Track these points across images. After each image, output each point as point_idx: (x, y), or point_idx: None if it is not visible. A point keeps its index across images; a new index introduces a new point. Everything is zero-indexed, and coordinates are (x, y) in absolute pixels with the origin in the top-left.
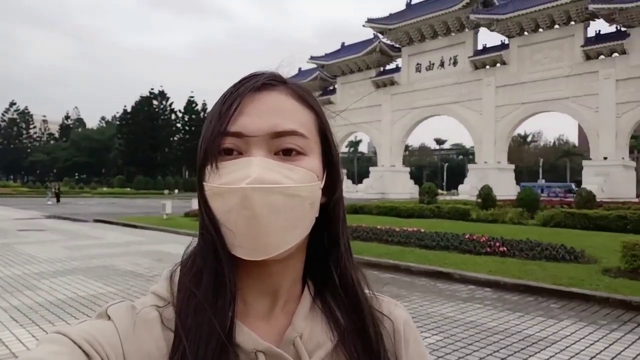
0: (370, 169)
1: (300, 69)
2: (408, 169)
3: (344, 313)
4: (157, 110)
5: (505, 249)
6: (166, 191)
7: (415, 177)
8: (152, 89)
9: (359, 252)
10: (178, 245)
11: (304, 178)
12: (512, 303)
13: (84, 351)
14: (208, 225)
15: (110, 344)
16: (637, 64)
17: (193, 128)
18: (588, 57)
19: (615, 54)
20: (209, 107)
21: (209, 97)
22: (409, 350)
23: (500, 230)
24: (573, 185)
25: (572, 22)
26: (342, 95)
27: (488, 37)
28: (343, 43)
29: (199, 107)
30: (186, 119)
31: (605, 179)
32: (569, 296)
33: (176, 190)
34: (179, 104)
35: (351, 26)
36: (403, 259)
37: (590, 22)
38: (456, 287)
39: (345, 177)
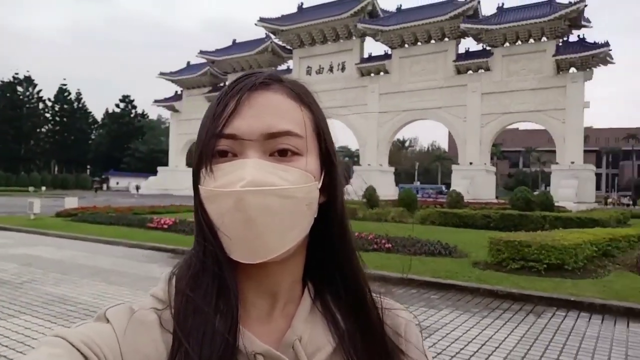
0: None
1: (189, 62)
2: None
3: (344, 315)
4: (22, 97)
5: (390, 245)
6: (31, 188)
7: None
8: (17, 73)
9: None
10: (50, 249)
11: (299, 179)
12: (398, 296)
13: (82, 354)
14: (205, 229)
15: (108, 347)
16: (499, 79)
17: (65, 119)
18: (459, 72)
19: (481, 70)
20: (84, 97)
21: (85, 85)
22: (410, 352)
23: (384, 228)
24: (443, 187)
25: (446, 39)
26: None
27: (374, 46)
28: (234, 40)
29: (72, 96)
30: (57, 108)
31: (470, 182)
32: (446, 288)
33: (43, 188)
34: (49, 92)
35: (242, 23)
36: None
37: (462, 39)
38: None
39: None
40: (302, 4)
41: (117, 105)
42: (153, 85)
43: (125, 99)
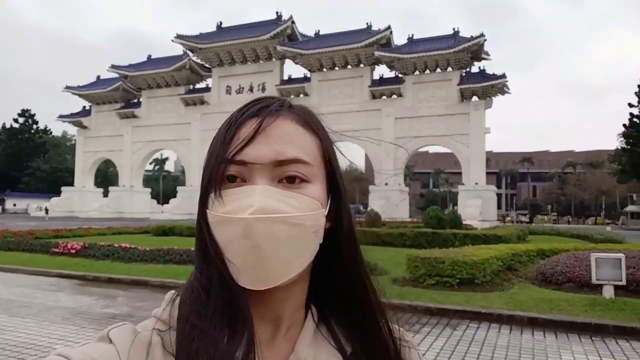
0: (178, 188)
1: (98, 76)
2: None
3: (350, 340)
4: None
5: None
6: None
7: None
8: None
9: (174, 276)
10: None
11: (307, 206)
12: None
13: None
14: (211, 253)
15: None
16: (410, 105)
17: None
18: (374, 97)
19: (394, 96)
20: None
21: None
22: None
23: None
24: (361, 207)
25: (362, 65)
26: (148, 109)
27: (294, 69)
28: (149, 56)
29: None
30: None
31: (386, 202)
32: None
33: None
34: None
35: (155, 38)
36: None
37: (376, 66)
38: None
39: (149, 197)
40: (221, 23)
41: (16, 120)
42: (58, 100)
43: (25, 113)
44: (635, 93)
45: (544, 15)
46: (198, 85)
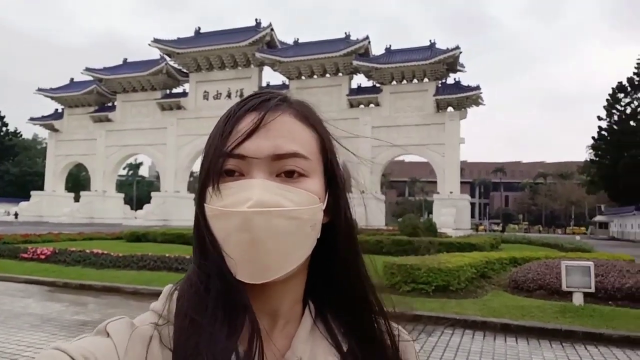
0: (153, 194)
1: (72, 79)
2: (193, 195)
3: (347, 335)
4: None
5: None
6: None
7: None
8: None
9: (147, 282)
10: None
11: (305, 200)
12: None
13: None
14: (209, 247)
15: None
16: (387, 115)
17: None
18: (352, 105)
19: (372, 105)
20: None
21: None
22: None
23: None
24: None
25: (340, 73)
26: (123, 113)
27: (273, 76)
28: (125, 59)
29: None
30: None
31: (363, 210)
32: None
33: None
34: None
35: (133, 42)
36: None
37: (354, 75)
38: None
39: (122, 202)
40: (199, 28)
41: None
42: (30, 103)
43: None
44: (604, 106)
45: (518, 29)
46: (175, 90)
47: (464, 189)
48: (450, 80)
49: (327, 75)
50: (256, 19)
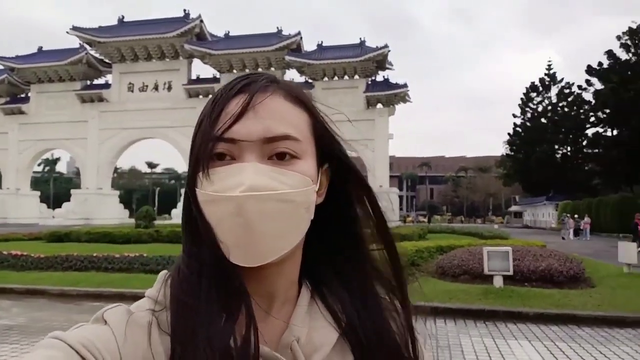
0: (72, 191)
1: None
2: (117, 192)
3: (345, 308)
4: None
5: None
6: None
7: (125, 201)
8: None
9: (74, 283)
10: None
11: (298, 183)
12: None
13: (81, 356)
14: (202, 232)
15: (107, 349)
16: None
17: None
18: None
19: None
20: None
21: None
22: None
23: None
24: None
25: (273, 68)
26: (38, 105)
27: (203, 69)
28: (40, 47)
29: None
30: None
31: None
32: None
33: None
34: None
35: (48, 29)
36: (128, 286)
37: (287, 70)
38: None
39: (38, 201)
40: (122, 17)
41: None
42: None
43: None
44: (519, 105)
45: (441, 32)
46: (96, 81)
47: (392, 182)
48: (379, 78)
49: (260, 69)
50: (184, 10)
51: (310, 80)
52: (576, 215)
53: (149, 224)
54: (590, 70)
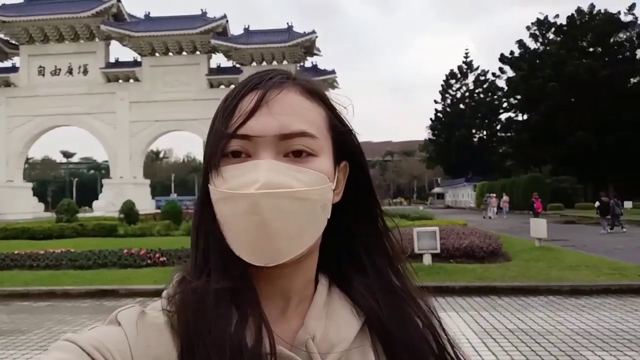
0: None
1: None
2: (30, 184)
3: (365, 298)
4: None
5: (165, 258)
6: None
7: (39, 194)
8: None
9: None
10: None
11: (315, 180)
12: None
13: (92, 358)
14: (214, 230)
15: (119, 350)
16: None
17: None
18: (212, 85)
19: (232, 86)
20: None
21: None
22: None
23: (152, 242)
24: None
25: (198, 52)
26: None
27: (123, 52)
28: None
29: None
30: None
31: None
32: None
33: None
34: None
35: None
36: (58, 283)
37: (213, 54)
38: (125, 302)
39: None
40: None
41: None
42: None
43: None
44: (439, 91)
45: (364, 19)
46: (2, 65)
47: None
48: (308, 64)
49: (184, 53)
50: None
51: (238, 65)
52: (494, 195)
53: (72, 217)
54: (503, 58)
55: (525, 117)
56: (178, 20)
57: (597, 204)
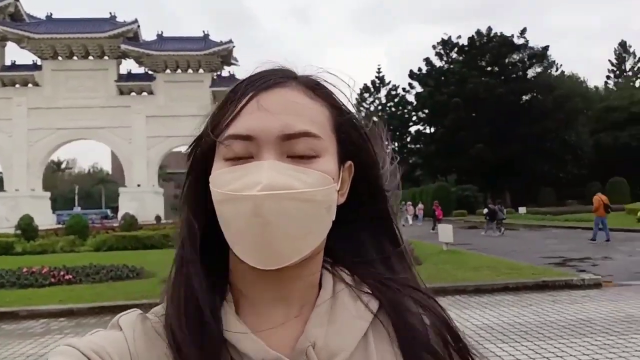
0: None
1: None
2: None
3: (373, 294)
4: None
5: (71, 276)
6: None
7: None
8: None
9: None
10: None
11: (318, 181)
12: (91, 326)
13: None
14: (188, 254)
15: (119, 354)
16: (163, 104)
17: None
18: (121, 92)
19: (145, 93)
20: None
21: None
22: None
23: (55, 260)
24: (109, 212)
25: (106, 57)
26: None
27: (20, 54)
28: None
29: None
30: None
31: (139, 204)
32: (145, 306)
33: None
34: None
35: None
36: None
37: (123, 60)
38: (27, 324)
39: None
40: None
41: None
42: None
43: None
44: (354, 105)
45: (284, 30)
46: None
47: None
48: (225, 73)
49: (91, 57)
50: None
51: (150, 72)
52: (410, 203)
53: None
54: (412, 74)
55: (432, 130)
56: (84, 23)
57: (485, 210)
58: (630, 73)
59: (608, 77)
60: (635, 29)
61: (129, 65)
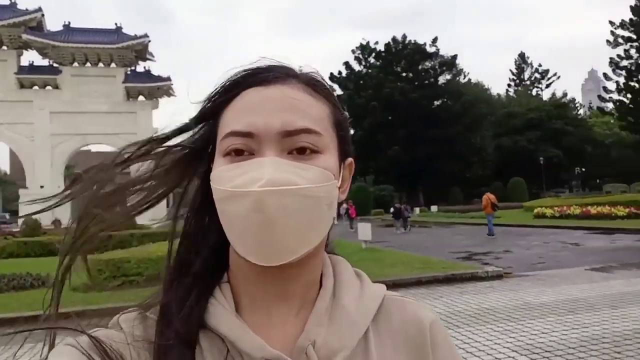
0: None
1: None
2: None
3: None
4: None
5: None
6: None
7: None
8: None
9: None
10: None
11: (320, 178)
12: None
13: (101, 345)
14: (194, 231)
15: (120, 354)
16: (70, 99)
17: None
18: (22, 86)
19: (49, 87)
20: None
21: None
22: (438, 353)
23: None
24: (7, 215)
25: (5, 47)
26: None
27: None
28: None
29: None
30: None
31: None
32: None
33: None
34: None
35: None
36: None
37: (25, 51)
38: None
39: None
40: None
41: None
42: None
43: None
44: None
45: (205, 28)
46: None
47: None
48: (140, 68)
49: None
50: None
51: (56, 65)
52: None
53: None
54: (332, 77)
55: (352, 132)
56: None
57: (392, 209)
58: (528, 82)
59: (509, 85)
60: (533, 42)
61: (31, 57)
